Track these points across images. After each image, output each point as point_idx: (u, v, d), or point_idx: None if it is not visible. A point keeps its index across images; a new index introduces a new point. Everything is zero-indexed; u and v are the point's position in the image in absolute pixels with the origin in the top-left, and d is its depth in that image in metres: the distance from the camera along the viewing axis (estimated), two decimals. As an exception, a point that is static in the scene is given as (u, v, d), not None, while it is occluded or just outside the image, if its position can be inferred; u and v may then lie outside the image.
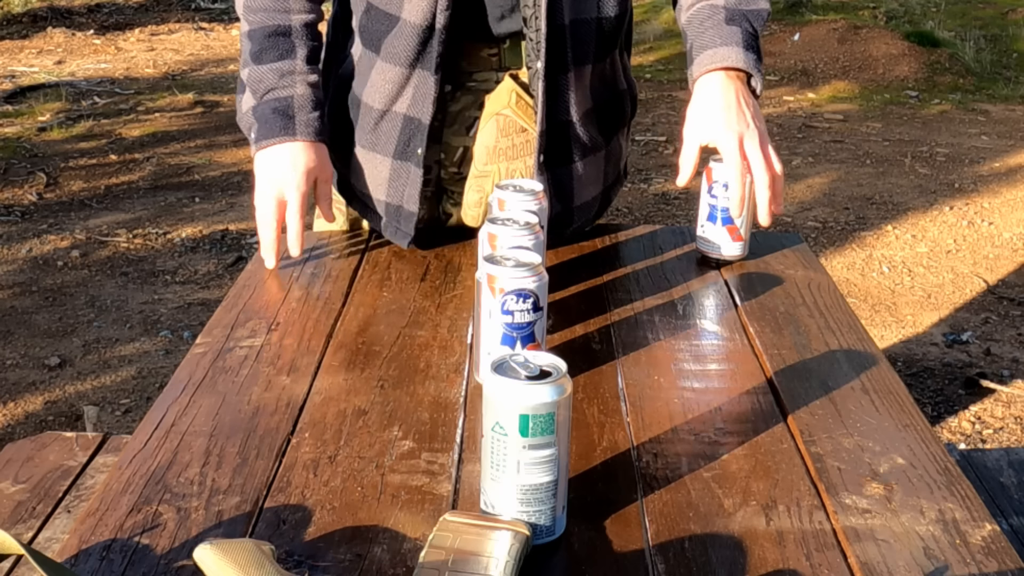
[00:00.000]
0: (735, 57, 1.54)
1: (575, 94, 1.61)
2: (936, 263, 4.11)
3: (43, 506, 1.76)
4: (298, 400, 1.25)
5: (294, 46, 1.62)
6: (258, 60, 1.61)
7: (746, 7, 1.60)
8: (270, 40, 1.62)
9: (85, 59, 6.90)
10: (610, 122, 1.71)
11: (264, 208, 1.58)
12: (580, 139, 1.64)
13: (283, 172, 1.58)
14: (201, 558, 0.93)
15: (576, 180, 1.67)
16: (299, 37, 1.63)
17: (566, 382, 0.98)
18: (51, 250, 4.08)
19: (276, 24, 1.62)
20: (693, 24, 1.62)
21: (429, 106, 1.58)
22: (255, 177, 1.61)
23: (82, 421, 2.97)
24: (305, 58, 1.63)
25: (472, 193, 1.68)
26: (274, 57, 1.61)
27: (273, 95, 1.60)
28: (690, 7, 1.64)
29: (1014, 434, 3.00)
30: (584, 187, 1.69)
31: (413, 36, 1.56)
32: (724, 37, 1.56)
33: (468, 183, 1.68)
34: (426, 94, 1.58)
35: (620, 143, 1.76)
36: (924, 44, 6.97)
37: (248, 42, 1.63)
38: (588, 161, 1.68)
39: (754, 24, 1.59)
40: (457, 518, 0.99)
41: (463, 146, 1.67)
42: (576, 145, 1.65)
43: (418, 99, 1.59)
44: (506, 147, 1.65)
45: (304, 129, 1.59)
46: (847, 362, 1.37)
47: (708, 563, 0.99)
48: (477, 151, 1.66)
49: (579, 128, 1.64)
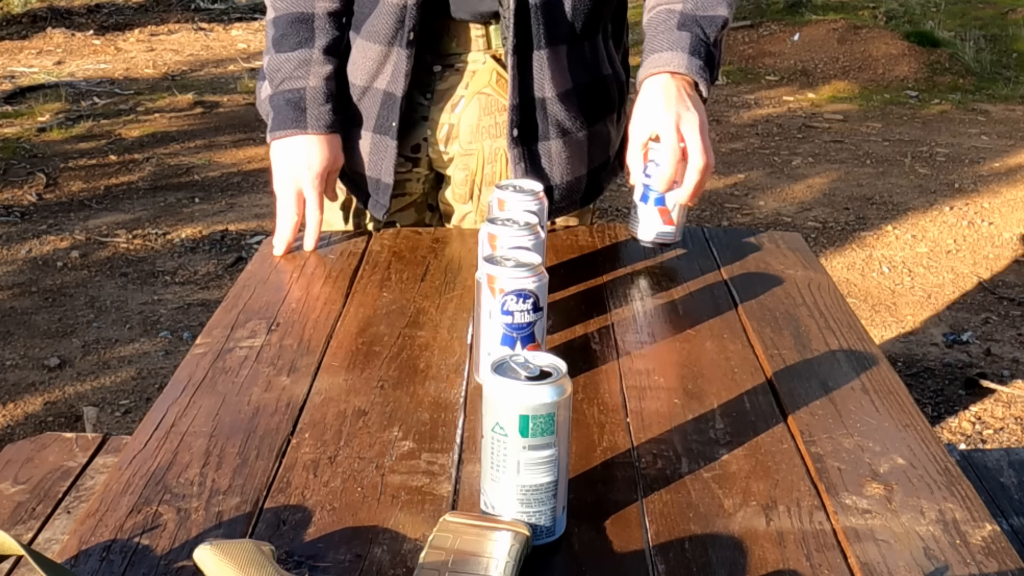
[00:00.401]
0: (678, 62, 1.56)
1: (550, 73, 1.64)
2: (936, 263, 4.11)
3: (43, 507, 1.76)
4: (298, 400, 1.25)
5: (314, 35, 1.65)
6: (278, 47, 1.66)
7: (702, 12, 1.60)
8: (292, 27, 1.65)
9: (85, 59, 6.90)
10: (593, 105, 1.72)
11: (285, 199, 1.66)
12: (556, 118, 1.67)
13: (298, 167, 1.65)
14: (201, 559, 0.93)
15: (552, 158, 1.69)
16: (321, 26, 1.66)
17: (566, 382, 0.98)
18: (51, 251, 4.08)
19: (300, 12, 1.65)
20: (649, 28, 1.64)
21: (402, 80, 1.64)
22: (272, 165, 1.68)
23: (82, 422, 2.97)
24: (323, 48, 1.66)
25: (458, 172, 1.73)
26: (293, 45, 1.65)
27: (287, 85, 1.65)
28: (651, 9, 1.66)
29: (1014, 434, 3.00)
30: (562, 166, 1.71)
31: (390, 14, 1.62)
32: (672, 42, 1.58)
33: (454, 162, 1.73)
34: (400, 69, 1.64)
35: (608, 128, 1.77)
36: (924, 44, 6.97)
37: (272, 28, 1.67)
38: (567, 141, 1.69)
39: (707, 30, 1.60)
40: (457, 519, 0.99)
41: (448, 123, 1.72)
42: (552, 123, 1.67)
43: (395, 76, 1.65)
44: (488, 125, 1.70)
45: (315, 123, 1.64)
46: (847, 362, 1.37)
47: (708, 563, 0.98)
48: (462, 129, 1.71)
49: (556, 106, 1.66)
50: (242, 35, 7.66)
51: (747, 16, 7.65)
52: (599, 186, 1.81)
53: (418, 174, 1.77)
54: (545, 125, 1.67)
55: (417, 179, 1.78)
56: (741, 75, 6.77)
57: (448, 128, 1.72)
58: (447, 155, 1.74)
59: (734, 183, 4.92)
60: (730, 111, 6.03)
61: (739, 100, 6.25)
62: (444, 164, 1.76)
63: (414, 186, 1.78)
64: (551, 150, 1.68)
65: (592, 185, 1.79)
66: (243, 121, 5.61)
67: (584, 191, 1.78)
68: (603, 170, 1.81)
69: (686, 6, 1.60)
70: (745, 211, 4.60)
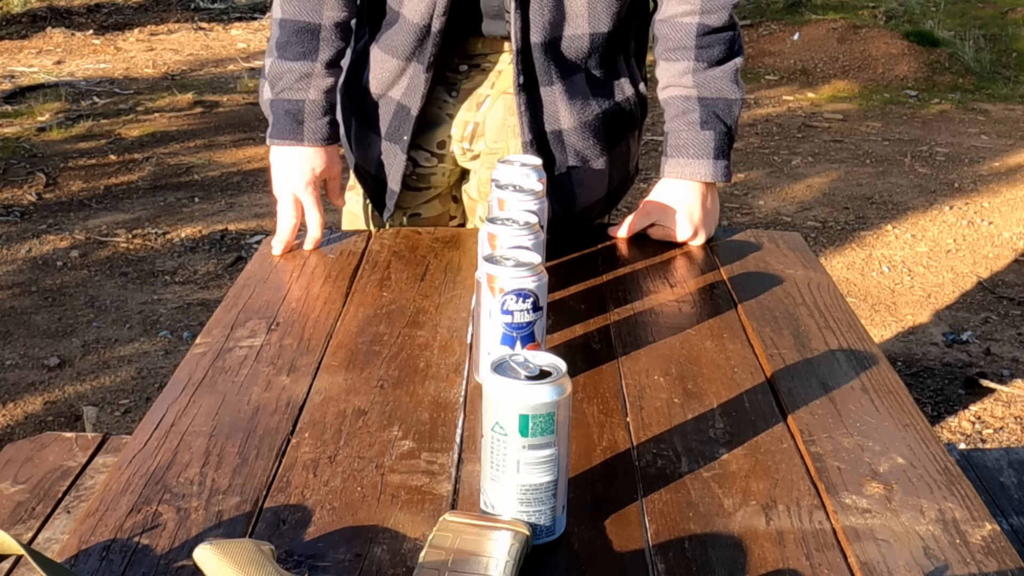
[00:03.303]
0: (705, 171, 1.64)
1: (567, 105, 1.64)
2: (936, 263, 4.11)
3: (43, 506, 1.76)
4: (298, 400, 1.25)
5: (318, 47, 1.66)
6: (282, 53, 1.67)
7: (721, 95, 1.66)
8: (297, 36, 1.66)
9: (84, 59, 6.90)
10: (615, 127, 1.72)
11: (283, 202, 1.69)
12: (575, 148, 1.67)
13: (293, 175, 1.68)
14: (201, 558, 0.93)
15: (572, 185, 1.70)
16: (326, 38, 1.67)
17: (566, 382, 0.98)
18: (50, 250, 4.08)
19: (307, 21, 1.66)
20: (669, 117, 1.67)
21: (418, 99, 1.65)
22: (271, 167, 1.72)
23: (82, 421, 2.97)
24: (326, 62, 1.67)
25: (484, 170, 1.74)
26: (297, 55, 1.66)
27: (287, 95, 1.67)
28: (664, 88, 1.68)
29: (1014, 434, 3.00)
30: (585, 192, 1.71)
31: (411, 33, 1.63)
32: (698, 148, 1.64)
33: (480, 160, 1.75)
34: (417, 87, 1.65)
35: (628, 145, 1.77)
36: (924, 44, 6.96)
37: (278, 30, 1.68)
38: (589, 167, 1.70)
39: (726, 122, 1.66)
40: (457, 518, 0.99)
41: (473, 121, 1.72)
42: (571, 153, 1.67)
43: (411, 90, 1.66)
44: (514, 124, 1.69)
45: (311, 136, 1.67)
46: (847, 362, 1.37)
47: (708, 563, 0.98)
48: (488, 128, 1.72)
49: (573, 136, 1.66)
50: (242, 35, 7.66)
51: (747, 16, 7.64)
52: (615, 200, 1.82)
53: (443, 168, 1.78)
54: (563, 156, 1.68)
55: (443, 173, 1.79)
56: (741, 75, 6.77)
57: (474, 126, 1.72)
58: (472, 152, 1.75)
59: (734, 183, 4.92)
60: (730, 111, 6.02)
61: (739, 100, 6.25)
62: (469, 160, 1.77)
63: (439, 179, 1.80)
64: (571, 178, 1.69)
65: (611, 201, 1.80)
66: (243, 121, 5.61)
67: (601, 208, 1.79)
68: (623, 184, 1.81)
69: (702, 92, 1.64)
70: (745, 211, 4.60)
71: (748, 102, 6.20)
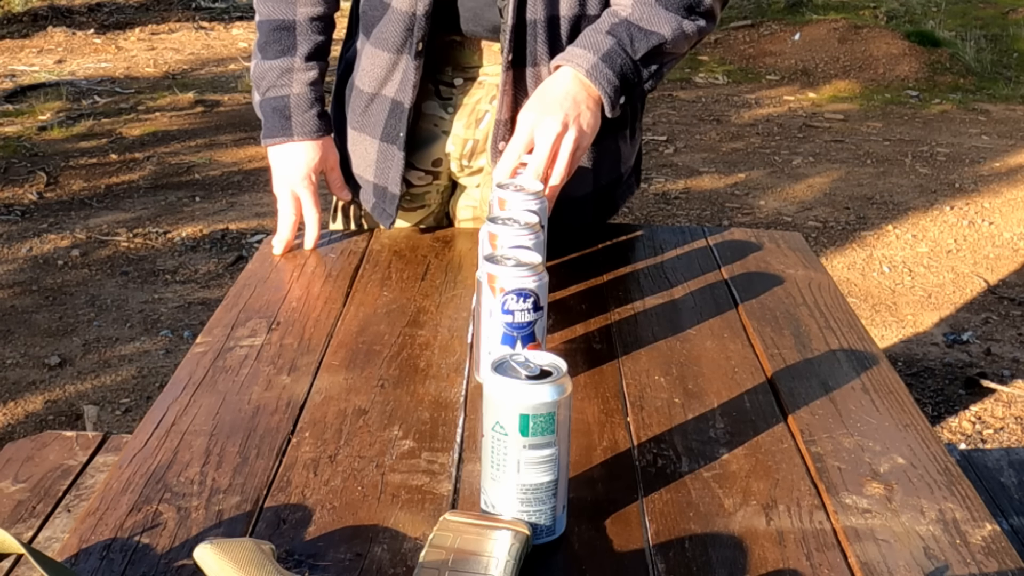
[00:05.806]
0: (584, 63, 1.50)
1: None
2: (936, 263, 4.11)
3: (43, 505, 1.76)
4: (298, 399, 1.25)
5: (296, 42, 1.67)
6: (263, 53, 1.69)
7: (644, 25, 1.53)
8: (274, 35, 1.67)
9: (85, 58, 6.90)
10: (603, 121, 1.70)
11: (282, 200, 1.68)
12: None
13: (289, 171, 1.68)
14: (201, 557, 0.93)
15: None
16: (303, 32, 1.67)
17: (566, 382, 0.98)
18: (51, 249, 4.08)
19: (281, 19, 1.67)
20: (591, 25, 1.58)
21: (410, 90, 1.64)
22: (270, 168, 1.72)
23: (82, 420, 2.97)
24: (305, 55, 1.68)
25: (486, 189, 1.71)
26: (276, 53, 1.67)
27: (272, 93, 1.68)
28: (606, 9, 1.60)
29: (1014, 434, 3.00)
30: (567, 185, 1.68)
31: (399, 22, 1.62)
32: (593, 43, 1.52)
33: (482, 178, 1.73)
34: (408, 79, 1.64)
35: (617, 144, 1.73)
36: (925, 44, 6.96)
37: (258, 32, 1.70)
38: None
39: (635, 43, 1.52)
40: (457, 518, 0.99)
41: (472, 139, 1.71)
42: None
43: (403, 84, 1.65)
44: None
45: (301, 129, 1.67)
46: (847, 362, 1.37)
47: (708, 563, 0.99)
48: (489, 145, 1.68)
49: None
50: (243, 34, 7.66)
51: (748, 16, 7.64)
52: (613, 204, 1.79)
53: (438, 186, 1.77)
54: None
55: (437, 190, 1.78)
56: (742, 74, 6.77)
57: (473, 144, 1.71)
58: (470, 168, 1.73)
59: (735, 182, 4.92)
60: (731, 110, 6.03)
61: (740, 100, 6.25)
62: (467, 176, 1.75)
63: (433, 197, 1.79)
64: None
65: (603, 202, 1.77)
66: (244, 120, 5.61)
67: (594, 208, 1.76)
68: (616, 187, 1.78)
69: (632, 14, 1.54)
70: (745, 211, 4.60)
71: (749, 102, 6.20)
